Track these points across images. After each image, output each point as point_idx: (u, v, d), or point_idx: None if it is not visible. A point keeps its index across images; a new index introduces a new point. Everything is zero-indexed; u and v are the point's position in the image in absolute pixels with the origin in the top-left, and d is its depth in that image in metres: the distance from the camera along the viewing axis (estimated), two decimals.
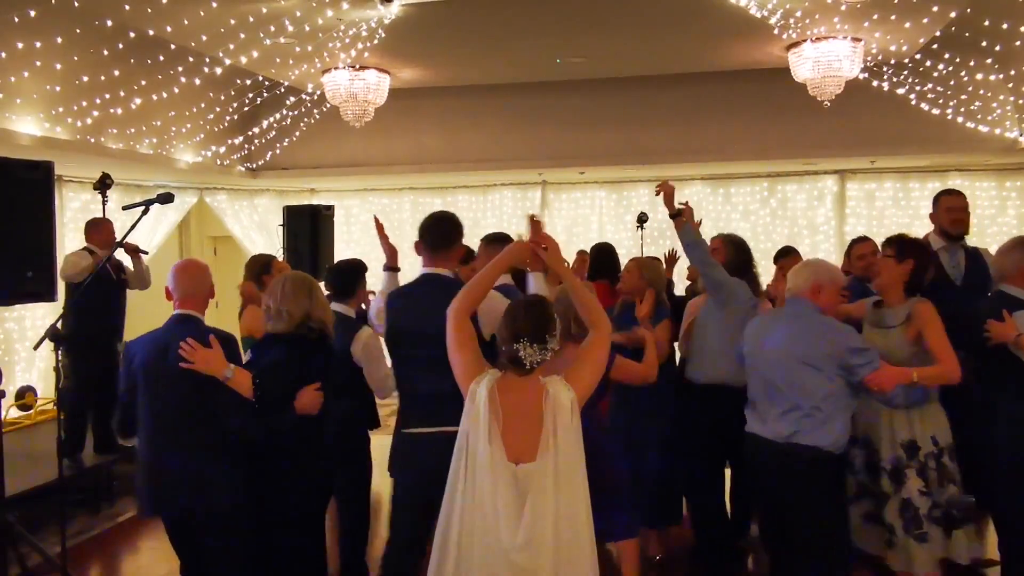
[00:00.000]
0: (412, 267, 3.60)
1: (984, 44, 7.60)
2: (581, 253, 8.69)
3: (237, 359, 3.32)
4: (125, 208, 4.78)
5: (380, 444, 7.37)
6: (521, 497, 2.69)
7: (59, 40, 6.28)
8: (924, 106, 8.28)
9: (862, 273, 4.79)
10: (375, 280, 4.88)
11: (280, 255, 7.52)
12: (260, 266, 4.94)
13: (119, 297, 6.44)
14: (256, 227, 10.93)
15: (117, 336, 6.34)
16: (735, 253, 4.50)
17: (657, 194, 4.44)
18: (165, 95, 7.51)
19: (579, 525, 2.74)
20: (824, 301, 3.49)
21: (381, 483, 6.61)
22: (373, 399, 5.04)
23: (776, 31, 6.95)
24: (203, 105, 8.38)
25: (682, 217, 4.26)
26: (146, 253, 6.77)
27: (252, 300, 4.74)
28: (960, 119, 8.32)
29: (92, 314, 5.95)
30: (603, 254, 6.16)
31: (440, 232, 3.46)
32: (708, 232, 5.45)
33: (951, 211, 4.68)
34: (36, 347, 4.56)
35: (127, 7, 6.05)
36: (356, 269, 4.42)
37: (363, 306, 4.54)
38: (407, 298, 3.53)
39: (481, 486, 2.72)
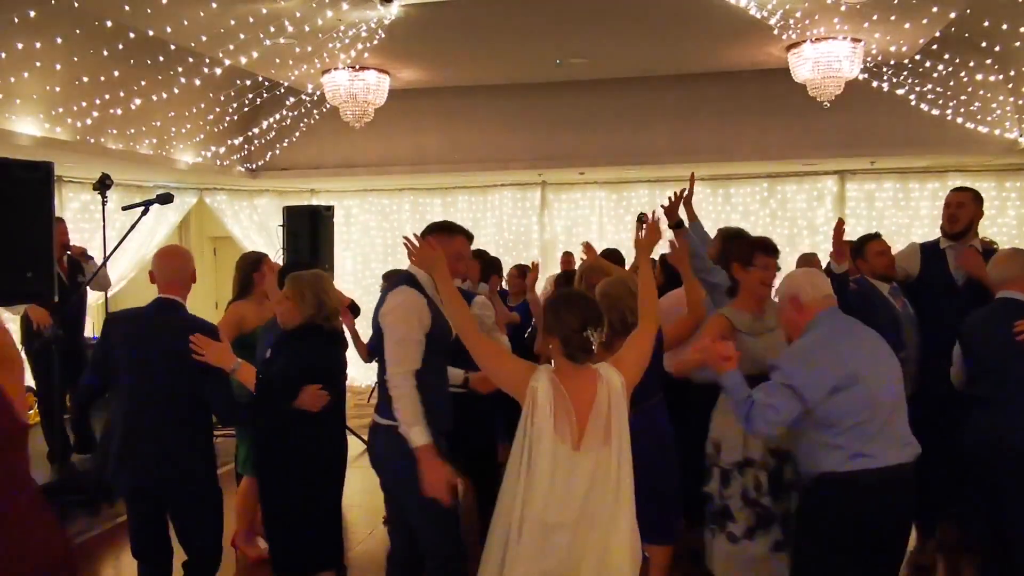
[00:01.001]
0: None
1: (983, 45, 7.61)
2: (567, 254, 8.72)
3: None
4: (125, 208, 4.79)
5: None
6: (583, 483, 2.75)
7: (59, 41, 6.29)
8: (924, 107, 8.28)
9: (884, 271, 4.66)
10: (373, 282, 4.89)
11: (280, 255, 7.53)
12: (250, 264, 4.91)
13: (76, 300, 6.24)
14: (256, 228, 10.94)
15: (78, 338, 6.18)
16: (723, 245, 4.44)
17: (678, 198, 4.40)
18: (165, 96, 7.51)
19: (628, 510, 2.81)
20: None
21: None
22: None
23: (776, 32, 6.95)
24: (203, 105, 8.38)
25: (682, 228, 4.29)
26: (92, 258, 6.62)
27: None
28: (960, 120, 8.32)
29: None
30: (610, 259, 6.07)
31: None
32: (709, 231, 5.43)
33: (947, 206, 4.68)
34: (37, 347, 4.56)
35: (127, 8, 6.05)
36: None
37: None
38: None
39: (544, 473, 2.76)
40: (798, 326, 3.24)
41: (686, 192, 4.48)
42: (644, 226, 3.40)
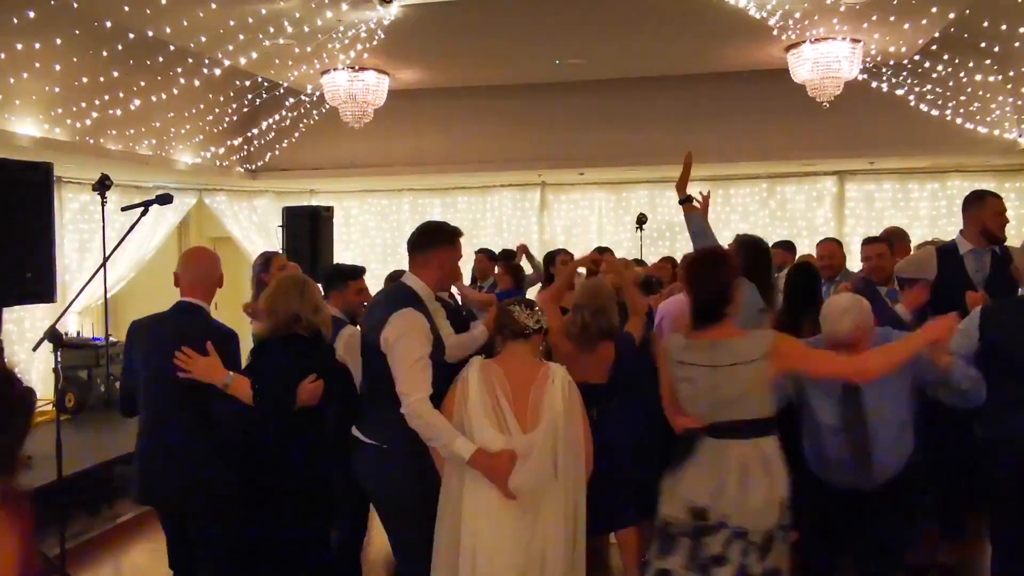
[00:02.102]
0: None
1: (983, 45, 7.61)
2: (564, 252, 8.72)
3: (237, 357, 3.34)
4: (124, 209, 4.78)
5: None
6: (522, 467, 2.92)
7: (58, 41, 6.29)
8: (923, 107, 8.29)
9: (867, 273, 4.78)
10: (372, 282, 4.89)
11: None
12: (259, 266, 4.87)
13: None
14: (255, 228, 10.93)
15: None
16: (744, 255, 4.38)
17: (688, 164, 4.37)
18: (164, 96, 7.51)
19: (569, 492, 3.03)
20: None
21: None
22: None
23: (775, 32, 6.96)
24: (202, 106, 8.38)
25: (691, 203, 4.20)
26: None
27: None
28: (959, 120, 8.33)
29: None
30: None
31: (413, 238, 3.38)
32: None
33: (1001, 215, 4.45)
34: (35, 348, 4.55)
35: (126, 8, 6.05)
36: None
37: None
38: (373, 301, 3.57)
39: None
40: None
41: (690, 156, 4.42)
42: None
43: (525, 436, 2.91)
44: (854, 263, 7.06)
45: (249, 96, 8.53)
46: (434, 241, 3.29)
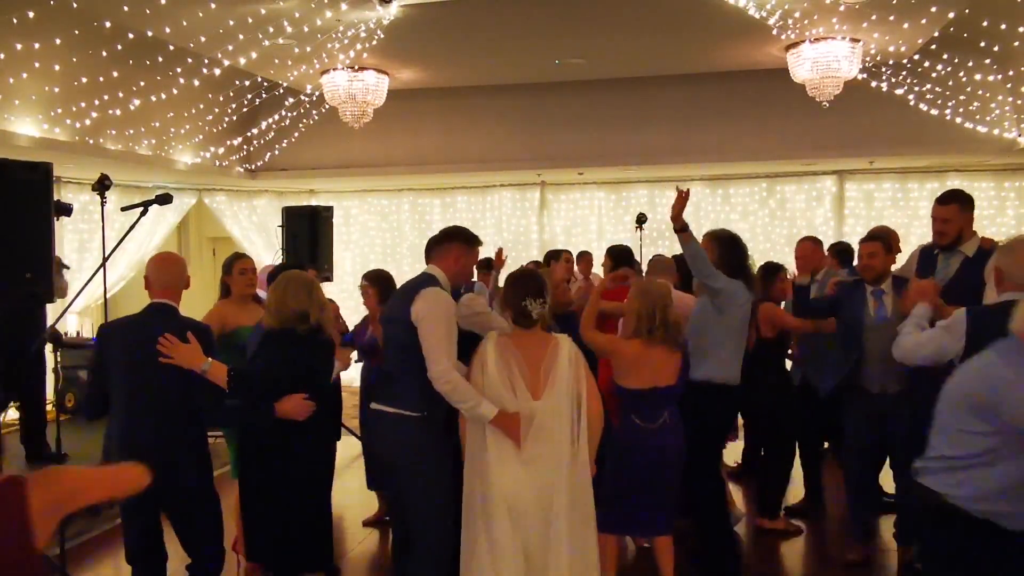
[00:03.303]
0: (412, 267, 3.76)
1: (983, 44, 7.61)
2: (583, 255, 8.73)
3: (211, 349, 3.46)
4: (124, 209, 4.79)
5: None
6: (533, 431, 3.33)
7: (58, 41, 6.29)
8: (923, 106, 8.29)
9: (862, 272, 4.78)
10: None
11: (279, 256, 7.54)
12: (223, 268, 4.96)
13: (33, 310, 6.04)
14: (255, 228, 10.94)
15: (36, 351, 5.97)
16: (723, 251, 4.48)
17: (682, 197, 4.32)
18: (164, 96, 7.51)
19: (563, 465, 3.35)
20: None
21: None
22: (338, 405, 5.15)
23: (775, 32, 6.96)
24: (202, 106, 8.38)
25: (687, 231, 4.23)
26: (68, 268, 6.82)
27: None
28: (959, 119, 8.33)
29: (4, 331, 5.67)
30: (622, 256, 5.83)
31: (435, 236, 3.84)
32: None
33: (933, 220, 4.47)
34: (35, 348, 4.55)
35: (125, 8, 6.05)
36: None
37: None
38: (397, 291, 3.95)
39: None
40: None
41: (688, 191, 4.43)
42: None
43: (534, 403, 3.31)
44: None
45: (249, 96, 8.53)
46: (452, 238, 3.72)
